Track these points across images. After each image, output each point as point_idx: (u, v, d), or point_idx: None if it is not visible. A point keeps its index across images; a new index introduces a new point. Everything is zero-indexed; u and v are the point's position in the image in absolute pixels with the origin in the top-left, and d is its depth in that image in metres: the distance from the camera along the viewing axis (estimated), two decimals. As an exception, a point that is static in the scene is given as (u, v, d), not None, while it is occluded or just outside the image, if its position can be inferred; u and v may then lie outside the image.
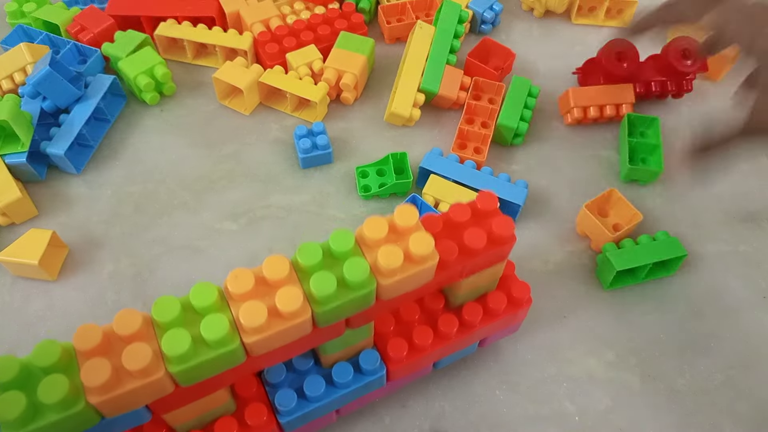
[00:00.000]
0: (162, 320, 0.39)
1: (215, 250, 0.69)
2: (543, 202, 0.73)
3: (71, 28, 0.82)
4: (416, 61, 0.78)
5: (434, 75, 0.77)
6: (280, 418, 0.50)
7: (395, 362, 0.52)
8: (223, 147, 0.77)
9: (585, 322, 0.65)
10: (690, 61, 0.78)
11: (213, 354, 0.39)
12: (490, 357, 0.62)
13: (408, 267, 0.42)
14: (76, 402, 0.37)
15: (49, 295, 0.66)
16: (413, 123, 0.79)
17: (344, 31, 0.83)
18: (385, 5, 0.88)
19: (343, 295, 0.41)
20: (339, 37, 0.81)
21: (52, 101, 0.73)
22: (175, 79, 0.82)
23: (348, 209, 0.72)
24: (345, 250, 0.42)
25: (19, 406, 0.36)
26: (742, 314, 0.66)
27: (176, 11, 0.84)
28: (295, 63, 0.79)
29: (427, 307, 0.55)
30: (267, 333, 0.39)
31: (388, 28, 0.87)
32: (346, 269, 0.41)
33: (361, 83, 0.81)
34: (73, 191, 0.73)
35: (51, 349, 0.38)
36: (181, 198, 0.73)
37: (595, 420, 0.59)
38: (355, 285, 0.41)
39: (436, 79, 0.77)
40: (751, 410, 0.60)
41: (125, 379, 0.37)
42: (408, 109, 0.76)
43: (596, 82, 0.79)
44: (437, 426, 0.58)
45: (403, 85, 0.77)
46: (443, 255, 0.45)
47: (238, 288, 0.40)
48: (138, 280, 0.67)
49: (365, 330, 0.49)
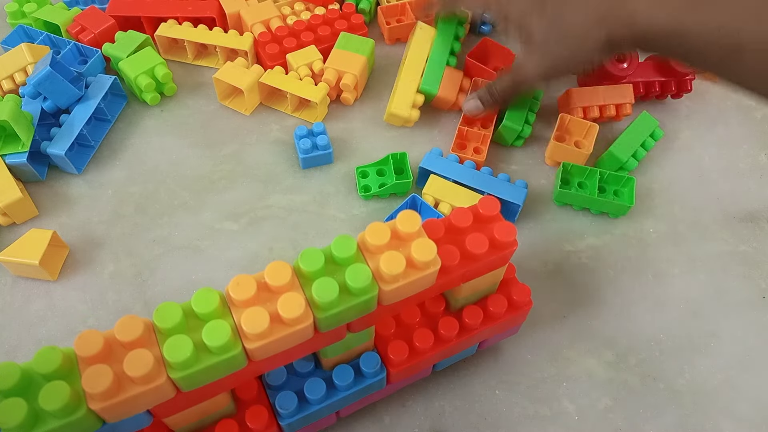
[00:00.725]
0: (164, 326, 0.39)
1: (216, 250, 0.69)
2: (543, 202, 0.73)
3: (72, 29, 0.82)
4: (416, 62, 0.78)
5: (434, 76, 0.77)
6: (280, 420, 0.50)
7: (395, 365, 0.52)
8: (223, 147, 0.77)
9: (585, 321, 0.65)
10: None
11: (215, 360, 0.39)
12: (490, 357, 0.62)
13: (410, 273, 0.42)
14: (78, 408, 0.37)
15: (50, 295, 0.66)
16: (412, 124, 0.79)
17: (344, 31, 0.83)
18: (384, 6, 0.88)
19: (345, 301, 0.41)
20: (339, 37, 0.81)
21: (53, 101, 0.73)
22: (176, 79, 0.82)
23: (348, 209, 0.72)
24: (347, 256, 0.42)
25: (20, 413, 0.36)
26: (741, 314, 0.66)
27: (177, 12, 0.84)
28: (295, 63, 0.79)
29: (428, 310, 0.55)
30: (269, 339, 0.39)
31: (388, 28, 0.87)
32: (348, 275, 0.41)
33: (361, 84, 0.81)
34: (74, 191, 0.73)
35: (52, 356, 0.38)
36: (181, 198, 0.73)
37: (594, 420, 0.59)
38: (357, 291, 0.41)
39: (436, 80, 0.77)
40: (751, 410, 0.60)
41: (127, 385, 0.37)
42: (407, 110, 0.76)
43: (596, 83, 0.79)
44: (437, 426, 0.58)
45: (403, 85, 0.77)
46: (445, 260, 0.45)
47: (240, 294, 0.40)
48: (138, 280, 0.67)
49: (366, 333, 0.49)
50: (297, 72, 0.79)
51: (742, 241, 0.71)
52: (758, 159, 0.78)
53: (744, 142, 0.80)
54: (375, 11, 0.91)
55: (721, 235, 0.71)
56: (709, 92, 0.84)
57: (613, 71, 0.77)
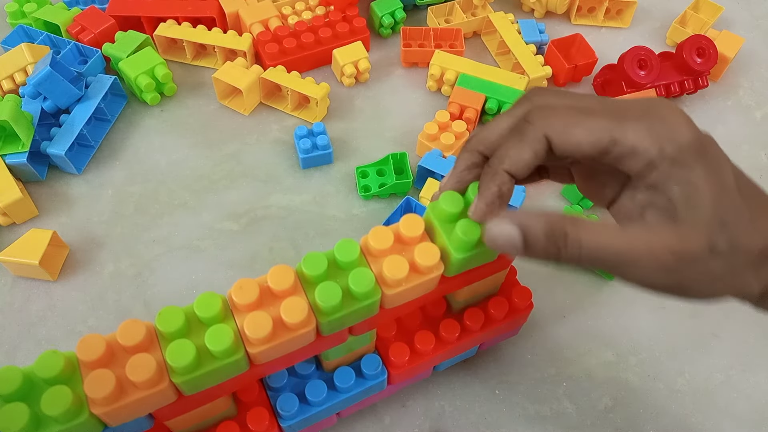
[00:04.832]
0: (166, 330, 0.39)
1: (216, 250, 0.69)
2: (542, 203, 0.73)
3: (72, 29, 0.82)
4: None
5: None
6: (281, 422, 0.50)
7: (396, 367, 0.52)
8: (223, 147, 0.77)
9: (585, 321, 0.65)
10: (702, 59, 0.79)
11: (217, 364, 0.39)
12: (490, 357, 0.62)
13: (413, 277, 0.42)
14: (80, 413, 0.37)
15: (50, 295, 0.66)
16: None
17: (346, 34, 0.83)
18: (407, 28, 0.86)
19: (348, 305, 0.41)
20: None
21: (53, 101, 0.73)
22: (176, 79, 0.82)
23: (348, 209, 0.72)
24: (350, 260, 0.42)
25: (22, 417, 0.36)
26: (742, 314, 0.66)
27: (177, 12, 0.84)
28: (342, 60, 0.80)
29: (429, 313, 0.55)
30: (271, 343, 0.39)
31: (404, 51, 0.85)
32: (351, 279, 0.41)
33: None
34: (74, 191, 0.73)
35: (53, 360, 0.38)
36: (181, 198, 0.73)
37: (594, 420, 0.59)
38: (360, 295, 0.41)
39: None
40: (751, 410, 0.60)
41: (129, 389, 0.37)
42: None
43: (618, 91, 0.79)
44: (437, 426, 0.58)
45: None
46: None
47: (243, 298, 0.40)
48: (138, 280, 0.67)
49: (368, 336, 0.49)
50: (342, 69, 0.80)
51: (742, 241, 0.71)
52: (758, 159, 0.78)
53: (744, 142, 0.80)
54: (396, 28, 0.90)
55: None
56: (709, 92, 0.84)
57: (635, 79, 0.78)
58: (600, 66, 0.84)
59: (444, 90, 0.82)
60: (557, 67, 0.82)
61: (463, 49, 0.85)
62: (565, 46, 0.84)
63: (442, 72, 0.80)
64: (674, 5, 0.94)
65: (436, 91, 0.84)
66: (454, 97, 0.77)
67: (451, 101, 0.77)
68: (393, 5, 0.88)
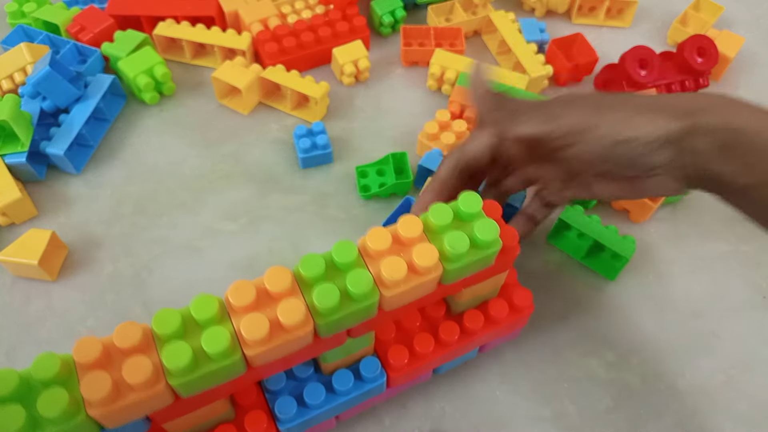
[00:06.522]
0: (162, 332, 0.39)
1: (215, 250, 0.69)
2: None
3: (71, 28, 0.81)
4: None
5: None
6: (279, 425, 0.50)
7: (395, 369, 0.52)
8: (222, 147, 0.77)
9: (586, 322, 0.65)
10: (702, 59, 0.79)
11: (214, 367, 0.38)
12: (491, 358, 0.62)
13: (412, 278, 0.42)
14: (76, 415, 0.37)
15: (49, 295, 0.66)
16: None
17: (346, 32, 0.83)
18: (407, 27, 0.86)
19: (345, 306, 0.41)
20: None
21: (52, 101, 0.73)
22: (175, 78, 0.82)
23: (348, 209, 0.72)
24: (348, 261, 0.42)
25: (18, 419, 0.36)
26: (742, 314, 0.66)
27: (176, 11, 0.84)
28: (341, 59, 0.80)
29: (428, 315, 0.55)
30: (269, 345, 0.39)
31: (404, 50, 0.85)
32: (349, 281, 0.41)
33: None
34: (73, 191, 0.73)
35: (50, 362, 0.38)
36: (180, 198, 0.72)
37: (595, 420, 0.59)
38: (358, 297, 0.41)
39: None
40: (751, 410, 0.60)
41: (125, 391, 0.37)
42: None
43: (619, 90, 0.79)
44: (437, 427, 0.58)
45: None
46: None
47: (240, 300, 0.40)
48: (137, 280, 0.67)
49: (366, 338, 0.49)
50: (342, 69, 0.80)
51: (743, 241, 0.71)
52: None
53: (745, 141, 0.80)
54: (396, 26, 0.90)
55: (722, 236, 0.71)
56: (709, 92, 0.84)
57: (637, 78, 0.77)
58: (601, 65, 0.83)
59: (444, 89, 0.82)
60: (558, 67, 0.82)
61: (463, 49, 0.85)
62: (566, 45, 0.84)
63: (443, 71, 0.80)
64: (675, 5, 0.94)
65: (437, 90, 0.83)
66: (455, 96, 0.77)
67: (452, 100, 0.77)
68: (393, 4, 0.88)
